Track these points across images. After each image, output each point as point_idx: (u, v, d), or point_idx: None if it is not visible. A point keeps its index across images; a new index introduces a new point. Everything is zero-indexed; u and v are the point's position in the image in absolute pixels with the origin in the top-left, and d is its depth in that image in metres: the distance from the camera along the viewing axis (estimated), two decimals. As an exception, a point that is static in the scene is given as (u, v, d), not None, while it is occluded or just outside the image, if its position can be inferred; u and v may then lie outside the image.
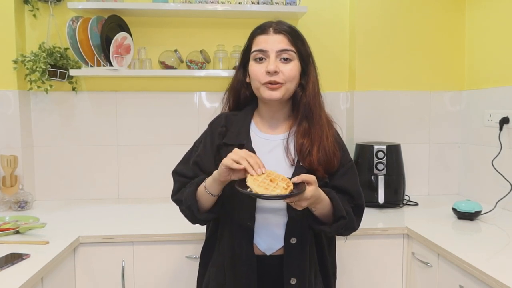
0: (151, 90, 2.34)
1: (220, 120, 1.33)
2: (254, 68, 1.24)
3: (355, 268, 1.80)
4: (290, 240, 1.22)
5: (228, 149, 1.23)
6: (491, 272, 1.27)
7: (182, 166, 1.34)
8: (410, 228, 1.76)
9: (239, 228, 1.22)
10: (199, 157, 1.29)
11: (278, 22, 1.27)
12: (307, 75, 1.28)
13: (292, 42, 1.25)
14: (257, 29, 1.28)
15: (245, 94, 1.33)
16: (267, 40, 1.23)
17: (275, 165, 1.21)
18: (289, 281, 1.22)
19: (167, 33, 2.33)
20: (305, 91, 1.27)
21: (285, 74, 1.22)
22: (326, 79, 2.40)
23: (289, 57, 1.23)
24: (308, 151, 1.22)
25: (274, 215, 1.23)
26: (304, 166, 1.22)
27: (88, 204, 2.21)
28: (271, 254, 1.24)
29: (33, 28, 2.25)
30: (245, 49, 1.30)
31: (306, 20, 2.37)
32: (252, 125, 1.32)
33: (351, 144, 2.34)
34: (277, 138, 1.29)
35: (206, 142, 1.31)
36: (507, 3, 2.07)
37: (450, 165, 2.43)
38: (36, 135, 2.28)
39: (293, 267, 1.22)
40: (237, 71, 1.34)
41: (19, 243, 1.56)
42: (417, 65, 2.38)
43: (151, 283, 1.72)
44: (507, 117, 2.02)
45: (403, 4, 2.35)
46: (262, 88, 1.23)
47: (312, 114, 1.26)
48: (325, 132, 1.26)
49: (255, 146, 1.25)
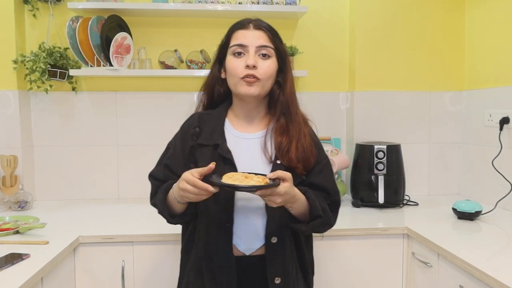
0: (151, 90, 2.34)
1: (193, 120, 1.31)
2: (232, 62, 1.23)
3: (355, 268, 1.79)
4: (271, 239, 1.21)
5: (203, 149, 1.23)
6: (491, 272, 1.27)
7: (156, 168, 1.34)
8: (410, 228, 1.76)
9: (217, 230, 1.21)
10: (169, 159, 1.29)
11: (258, 20, 1.27)
12: (284, 73, 1.28)
13: (271, 39, 1.25)
14: (236, 24, 1.27)
15: (219, 91, 1.31)
16: (247, 35, 1.23)
17: (252, 164, 1.21)
18: (274, 281, 1.21)
19: (167, 33, 2.33)
20: (283, 89, 1.27)
21: (263, 69, 1.21)
22: (326, 79, 2.45)
23: (268, 53, 1.23)
24: (287, 148, 1.22)
25: (253, 215, 1.22)
26: (283, 164, 1.22)
27: (88, 204, 2.21)
28: (250, 254, 1.23)
29: (33, 28, 2.25)
30: (222, 44, 1.29)
31: (306, 20, 2.37)
32: (227, 124, 1.30)
33: (351, 144, 2.35)
34: (253, 136, 1.28)
35: (177, 144, 1.30)
36: (507, 3, 2.06)
37: (450, 165, 2.43)
38: (36, 135, 2.28)
39: (277, 266, 1.22)
40: (212, 67, 1.32)
41: (19, 243, 1.55)
42: (417, 65, 2.38)
43: (151, 283, 1.72)
44: (507, 117, 2.02)
45: (403, 4, 2.35)
46: (239, 83, 1.22)
47: (290, 112, 1.27)
48: (302, 130, 1.27)
49: (230, 145, 1.24)
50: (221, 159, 1.21)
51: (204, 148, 1.24)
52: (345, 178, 2.42)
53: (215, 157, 1.21)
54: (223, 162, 1.21)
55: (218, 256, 1.21)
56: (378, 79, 2.36)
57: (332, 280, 1.79)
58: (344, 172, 2.45)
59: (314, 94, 2.42)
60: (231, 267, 1.20)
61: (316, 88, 2.42)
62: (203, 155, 1.24)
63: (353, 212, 2.08)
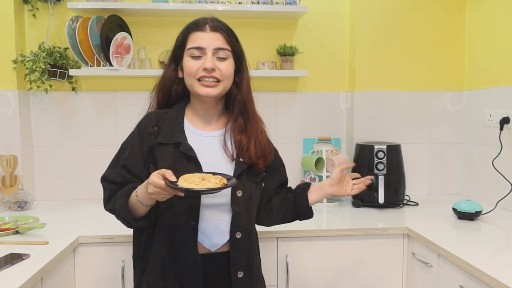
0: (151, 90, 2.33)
1: (150, 119, 1.30)
2: (189, 64, 1.23)
3: (355, 268, 1.79)
4: (236, 234, 1.23)
5: (163, 148, 1.23)
6: (492, 272, 1.27)
7: (110, 170, 1.31)
8: (410, 228, 1.76)
9: (181, 229, 1.20)
10: (126, 159, 1.26)
11: (214, 19, 1.27)
12: (241, 73, 1.30)
13: (228, 40, 1.25)
14: (193, 25, 1.27)
15: (176, 90, 1.31)
16: (204, 37, 1.23)
17: (214, 162, 1.23)
18: (236, 275, 1.23)
19: (167, 33, 2.32)
20: (240, 88, 1.29)
21: (222, 71, 1.23)
22: (326, 79, 2.45)
23: (224, 55, 1.24)
24: (246, 146, 1.25)
25: (219, 212, 1.23)
26: (245, 161, 1.25)
27: (88, 204, 2.20)
28: (215, 250, 1.24)
29: (32, 28, 2.25)
30: (178, 44, 1.29)
31: (306, 20, 2.37)
32: (186, 122, 1.30)
33: (351, 144, 2.35)
34: (212, 134, 1.29)
35: (134, 144, 1.27)
36: (507, 3, 2.06)
37: (450, 165, 2.43)
38: (36, 135, 2.28)
39: (240, 260, 1.24)
40: (167, 67, 1.32)
41: (19, 243, 1.55)
42: (417, 65, 2.38)
43: (151, 283, 1.72)
44: (507, 117, 2.02)
45: (403, 4, 2.35)
46: (196, 84, 1.23)
47: (248, 111, 1.29)
48: (259, 127, 1.31)
49: (191, 143, 1.24)
50: (183, 157, 1.21)
51: (164, 146, 1.23)
52: (345, 178, 2.42)
53: (177, 155, 1.21)
54: (186, 160, 1.21)
55: (184, 255, 1.20)
56: (378, 79, 2.36)
57: (332, 280, 1.78)
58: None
59: (314, 94, 2.42)
60: (196, 265, 1.20)
61: (316, 88, 2.42)
62: (163, 154, 1.22)
63: (353, 212, 2.08)
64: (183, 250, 1.20)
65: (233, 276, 1.23)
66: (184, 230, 1.20)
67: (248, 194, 1.25)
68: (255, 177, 1.29)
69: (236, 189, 1.22)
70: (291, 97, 2.40)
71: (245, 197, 1.24)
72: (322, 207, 2.13)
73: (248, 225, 1.26)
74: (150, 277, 1.24)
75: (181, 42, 1.27)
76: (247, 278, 1.25)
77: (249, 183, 1.26)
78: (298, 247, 1.76)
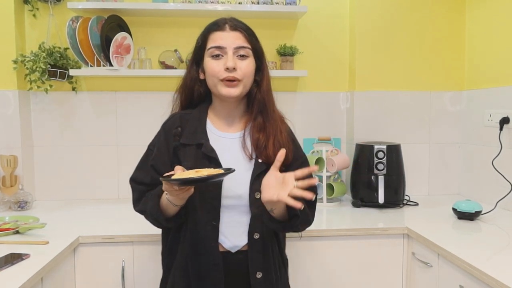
0: (151, 90, 2.34)
1: (174, 120, 1.31)
2: (211, 65, 1.24)
3: (355, 268, 1.79)
4: (254, 235, 1.24)
5: (186, 149, 1.24)
6: (491, 272, 1.27)
7: (138, 172, 1.33)
8: (410, 228, 1.76)
9: (204, 228, 1.22)
10: (154, 160, 1.29)
11: (233, 19, 1.28)
12: (261, 71, 1.30)
13: (248, 39, 1.26)
14: (212, 25, 1.27)
15: (199, 91, 1.32)
16: (224, 36, 1.24)
17: (235, 163, 1.23)
18: (255, 275, 1.24)
19: (167, 33, 2.33)
20: (259, 87, 1.29)
21: (242, 70, 1.23)
22: (326, 79, 2.45)
23: (245, 54, 1.24)
24: (264, 145, 1.25)
25: (239, 213, 1.25)
26: (262, 160, 1.24)
27: (88, 204, 2.21)
28: (235, 251, 1.25)
29: (33, 28, 2.25)
30: (198, 45, 1.29)
31: (306, 20, 2.37)
32: (208, 124, 1.31)
33: (351, 144, 2.35)
34: (234, 136, 1.30)
35: (161, 145, 1.30)
36: (507, 3, 2.06)
37: (450, 165, 2.43)
38: (36, 135, 2.28)
39: (258, 261, 1.24)
40: (189, 68, 1.32)
41: (19, 243, 1.55)
42: (417, 65, 2.38)
43: (151, 283, 1.72)
44: (507, 117, 2.02)
45: (403, 4, 2.35)
46: (219, 85, 1.23)
47: (267, 110, 1.29)
48: (278, 127, 1.29)
49: (213, 145, 1.25)
50: (205, 158, 1.23)
51: (187, 147, 1.25)
52: (345, 178, 2.42)
53: (199, 156, 1.23)
54: (207, 161, 1.23)
55: (205, 254, 1.22)
56: (378, 79, 2.36)
57: (332, 280, 1.79)
58: (344, 172, 2.45)
59: (314, 94, 2.42)
60: (218, 265, 1.22)
61: (316, 88, 2.42)
62: (186, 154, 1.25)
63: (353, 212, 2.08)
64: (205, 249, 1.22)
65: (251, 276, 1.24)
66: (206, 230, 1.22)
67: None
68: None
69: (255, 191, 1.22)
70: (291, 97, 2.40)
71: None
72: (322, 207, 2.14)
73: (266, 227, 1.25)
74: (174, 274, 1.28)
75: (201, 43, 1.28)
76: (266, 278, 1.25)
77: None
78: (298, 247, 1.76)
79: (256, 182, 1.22)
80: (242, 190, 1.23)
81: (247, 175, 1.24)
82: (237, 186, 1.23)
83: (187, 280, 1.25)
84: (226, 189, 1.23)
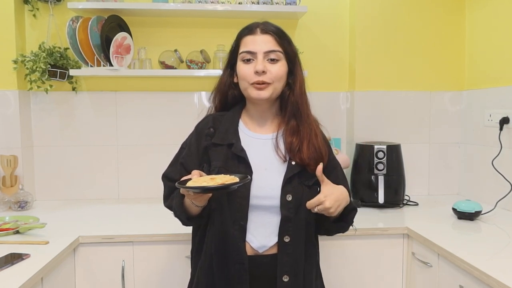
0: (151, 90, 2.34)
1: (207, 121, 1.34)
2: (242, 69, 1.26)
3: (355, 268, 1.79)
4: (284, 238, 1.23)
5: (217, 149, 1.26)
6: (491, 272, 1.27)
7: (170, 169, 1.36)
8: (410, 228, 1.76)
9: (230, 228, 1.22)
10: (184, 158, 1.31)
11: (265, 23, 1.29)
12: (294, 74, 1.30)
13: (279, 42, 1.26)
14: (244, 30, 1.29)
15: (233, 94, 1.34)
16: (255, 40, 1.25)
17: (266, 164, 1.24)
18: (282, 278, 1.22)
19: (167, 33, 2.33)
20: (292, 90, 1.29)
21: (272, 73, 1.24)
22: (326, 79, 2.45)
23: (276, 57, 1.25)
24: (297, 148, 1.25)
25: (268, 213, 1.24)
26: (297, 163, 1.24)
27: (88, 204, 2.21)
28: (263, 252, 1.24)
29: (33, 28, 2.25)
30: (232, 50, 1.32)
31: (306, 20, 2.37)
32: (241, 125, 1.32)
33: (351, 144, 2.35)
34: (266, 137, 1.30)
35: (192, 144, 1.32)
36: (507, 3, 2.06)
37: (450, 165, 2.43)
38: (36, 135, 2.28)
39: (286, 264, 1.23)
40: (224, 72, 1.35)
41: (19, 243, 1.55)
42: (417, 65, 2.38)
43: (151, 283, 1.72)
44: (507, 117, 2.02)
45: (403, 4, 2.35)
46: (250, 88, 1.25)
47: (300, 113, 1.29)
48: (313, 130, 1.29)
49: (244, 145, 1.26)
50: (235, 158, 1.24)
51: (218, 147, 1.26)
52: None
53: (229, 156, 1.24)
54: (237, 161, 1.24)
55: (232, 254, 1.22)
56: (378, 79, 2.36)
57: (332, 280, 1.78)
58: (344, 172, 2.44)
59: (314, 94, 2.37)
60: (244, 265, 1.21)
61: (316, 88, 2.41)
62: (216, 154, 1.26)
63: (353, 212, 2.08)
64: (231, 249, 1.22)
65: (278, 279, 1.23)
66: (233, 230, 1.22)
67: (298, 198, 1.23)
68: (308, 181, 1.25)
69: (286, 193, 1.22)
70: (291, 97, 2.40)
71: (295, 201, 1.22)
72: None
73: (297, 230, 1.24)
74: (201, 273, 1.28)
75: (234, 48, 1.31)
76: (293, 283, 1.23)
77: (301, 187, 1.24)
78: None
79: (288, 184, 1.22)
80: (274, 191, 1.23)
81: (278, 176, 1.24)
82: (268, 186, 1.23)
83: (211, 279, 1.25)
84: (256, 189, 1.22)
